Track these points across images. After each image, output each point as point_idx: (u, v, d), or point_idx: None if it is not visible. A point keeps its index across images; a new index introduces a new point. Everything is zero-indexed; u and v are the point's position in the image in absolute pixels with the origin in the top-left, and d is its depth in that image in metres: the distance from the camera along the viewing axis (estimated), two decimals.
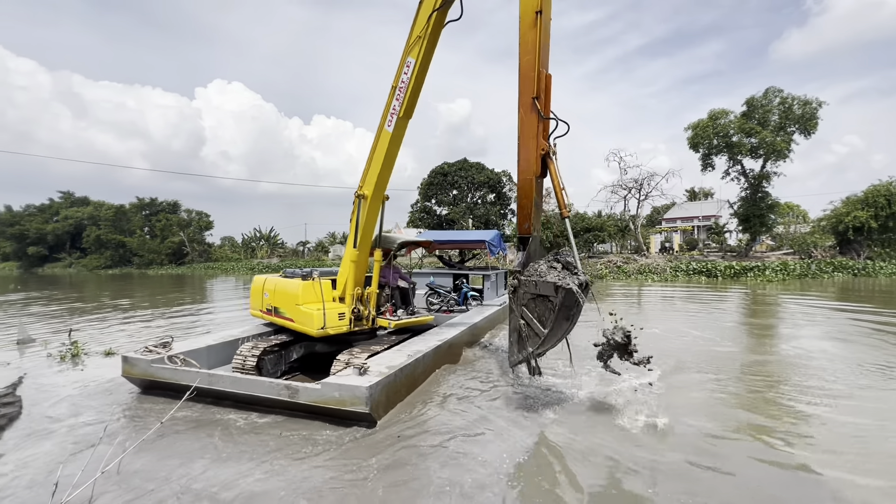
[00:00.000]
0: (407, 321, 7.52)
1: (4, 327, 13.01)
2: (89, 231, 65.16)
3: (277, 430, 5.11)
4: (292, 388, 5.35)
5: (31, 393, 6.61)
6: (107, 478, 3.80)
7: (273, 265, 51.34)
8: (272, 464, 4.29)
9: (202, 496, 3.70)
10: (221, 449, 4.63)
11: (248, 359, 6.50)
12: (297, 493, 3.76)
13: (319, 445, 4.70)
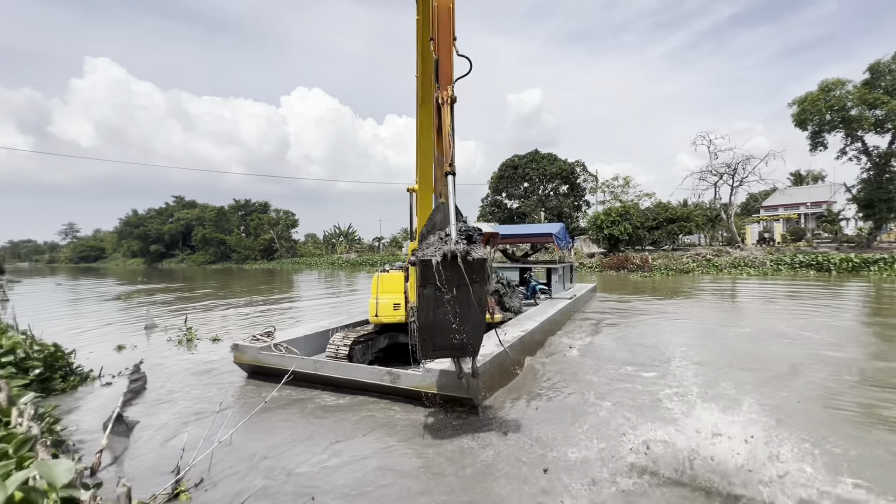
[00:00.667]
0: None
1: (136, 315, 15.17)
2: (197, 230, 73.64)
3: (378, 413, 5.44)
4: (394, 373, 5.71)
5: (154, 371, 7.64)
6: (222, 447, 4.27)
7: (351, 260, 54.23)
8: (369, 443, 4.55)
9: (303, 465, 4.04)
10: (318, 426, 5.04)
11: (340, 348, 6.92)
12: (401, 472, 3.95)
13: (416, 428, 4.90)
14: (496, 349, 6.22)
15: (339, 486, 3.77)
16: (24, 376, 6.04)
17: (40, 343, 6.91)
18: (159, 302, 19.56)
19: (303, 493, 3.64)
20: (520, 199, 52.93)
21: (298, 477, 3.93)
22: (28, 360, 6.39)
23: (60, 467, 2.45)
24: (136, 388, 6.56)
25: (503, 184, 53.64)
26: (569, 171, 51.70)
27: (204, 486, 3.75)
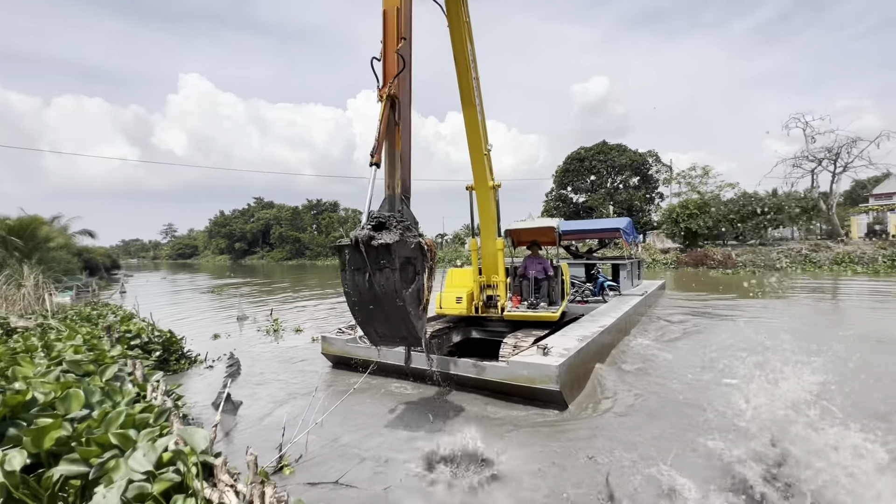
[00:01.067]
0: (520, 314, 7.38)
1: (227, 306, 16.76)
2: (274, 229, 79.40)
3: (465, 405, 5.61)
4: (479, 366, 5.75)
5: (247, 358, 8.43)
6: (316, 428, 4.66)
7: None
8: (453, 432, 4.74)
9: (386, 448, 4.31)
10: (401, 413, 5.32)
11: None
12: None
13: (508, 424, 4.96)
14: (578, 344, 6.12)
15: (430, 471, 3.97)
16: (147, 357, 6.97)
17: (159, 329, 7.92)
18: (246, 295, 21.44)
19: (386, 474, 3.89)
20: (586, 193, 51.08)
21: (382, 458, 4.20)
22: (150, 343, 7.36)
23: (199, 435, 2.86)
24: (232, 373, 7.30)
25: (568, 177, 52.05)
26: (640, 161, 48.99)
27: (303, 461, 4.13)
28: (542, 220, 8.79)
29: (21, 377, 4.15)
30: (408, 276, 4.23)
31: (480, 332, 7.95)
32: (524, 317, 7.35)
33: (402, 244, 4.06)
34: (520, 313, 7.38)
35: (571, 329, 7.17)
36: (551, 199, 53.39)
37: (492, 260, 7.54)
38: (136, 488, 2.60)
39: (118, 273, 43.89)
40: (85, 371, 4.61)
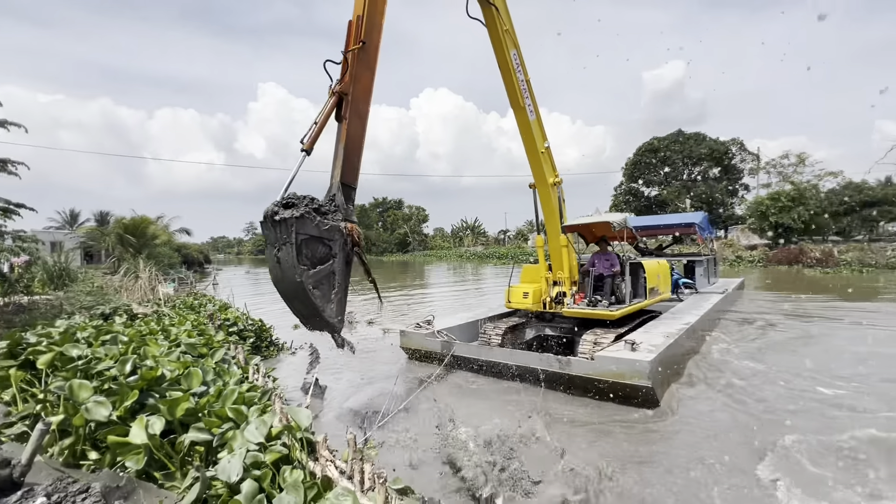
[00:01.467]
0: (577, 311, 7.30)
1: None
2: None
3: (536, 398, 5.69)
4: (563, 360, 5.79)
5: (325, 347, 8.98)
6: (397, 415, 4.93)
7: (478, 253, 55.66)
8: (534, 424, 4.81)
9: (471, 438, 4.46)
10: (480, 404, 5.48)
11: (492, 336, 7.29)
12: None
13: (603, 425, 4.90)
14: (666, 340, 5.94)
15: (509, 463, 4.05)
16: (243, 343, 7.72)
17: (252, 319, 8.73)
18: None
19: (463, 463, 4.02)
20: (659, 186, 48.10)
21: (459, 447, 4.34)
22: (245, 331, 8.14)
23: (303, 414, 3.18)
24: (311, 361, 7.88)
25: (639, 170, 49.32)
26: (721, 151, 45.19)
27: (386, 444, 4.40)
28: (604, 215, 8.51)
29: (150, 356, 4.81)
30: (315, 256, 4.22)
31: (553, 330, 7.93)
32: (581, 314, 7.28)
33: (304, 221, 4.07)
34: (577, 310, 7.33)
35: (653, 326, 6.96)
36: (620, 193, 50.92)
37: (557, 256, 7.63)
38: (251, 457, 2.94)
39: (209, 267, 48.56)
40: (199, 353, 5.24)
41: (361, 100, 4.81)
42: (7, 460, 2.94)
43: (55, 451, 3.54)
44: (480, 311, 9.57)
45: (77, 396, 3.58)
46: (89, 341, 5.43)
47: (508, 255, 48.03)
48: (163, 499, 3.00)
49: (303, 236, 4.11)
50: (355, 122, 4.73)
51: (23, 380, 4.71)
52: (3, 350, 5.35)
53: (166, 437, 3.44)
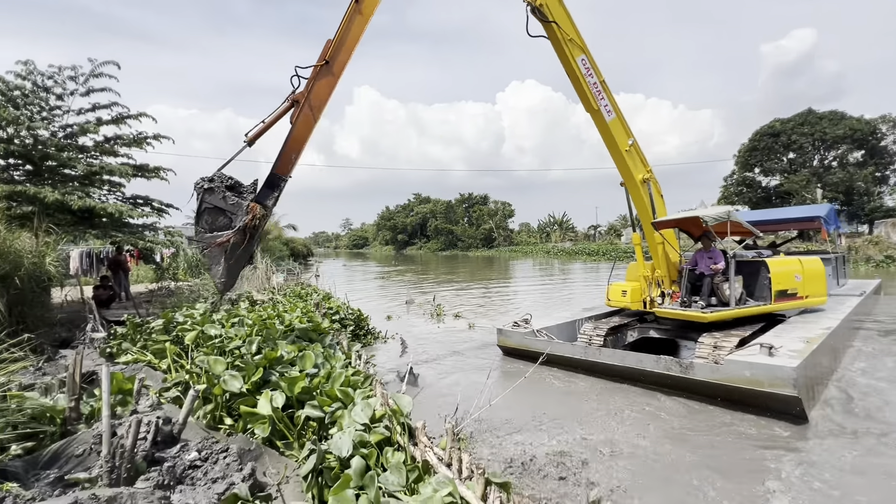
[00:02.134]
0: (668, 311, 6.94)
1: (394, 291, 18.87)
2: (430, 222, 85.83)
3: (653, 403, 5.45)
4: (685, 364, 5.45)
5: (416, 338, 9.37)
6: (488, 409, 4.99)
7: (566, 249, 53.76)
8: (651, 434, 4.61)
9: (558, 439, 4.39)
10: (573, 405, 5.34)
11: (593, 338, 7.06)
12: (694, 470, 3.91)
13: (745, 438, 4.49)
14: (808, 346, 5.31)
15: (607, 468, 3.91)
16: (344, 330, 8.36)
17: (351, 308, 9.41)
18: (409, 281, 23.80)
19: (559, 465, 3.94)
20: (782, 175, 42.16)
21: (550, 450, 4.26)
22: (345, 319, 8.81)
23: (404, 399, 3.38)
24: (403, 350, 8.26)
25: (756, 157, 43.65)
26: (866, 131, 38.22)
27: (474, 437, 4.48)
28: (698, 210, 7.77)
29: (272, 338, 5.43)
30: (214, 223, 5.16)
31: (659, 332, 7.47)
32: (672, 314, 6.91)
33: (212, 192, 5.08)
34: (668, 310, 6.98)
35: (784, 331, 6.28)
36: (731, 184, 45.53)
37: (655, 254, 7.45)
38: (358, 435, 3.19)
39: (311, 260, 53.19)
40: (309, 337, 5.79)
41: (315, 108, 5.53)
42: (169, 418, 3.54)
43: (200, 415, 4.17)
44: (575, 310, 9.36)
45: (214, 370, 4.17)
46: (222, 323, 6.30)
47: (599, 251, 45.65)
48: (284, 465, 3.39)
49: (207, 205, 5.15)
50: (301, 126, 5.46)
51: (175, 353, 5.62)
52: (160, 327, 6.41)
53: (286, 410, 3.88)
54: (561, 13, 6.62)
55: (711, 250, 7.31)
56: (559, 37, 6.57)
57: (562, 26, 6.57)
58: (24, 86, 9.12)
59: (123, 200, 10.82)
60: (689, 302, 7.01)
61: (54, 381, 4.34)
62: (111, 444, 2.61)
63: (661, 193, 7.61)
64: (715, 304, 6.82)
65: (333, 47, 5.46)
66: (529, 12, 6.47)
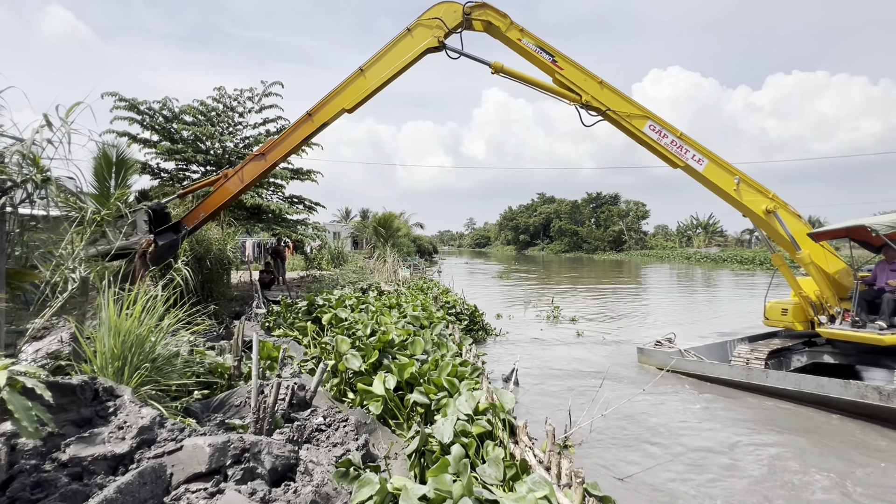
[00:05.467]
0: (836, 331, 6.14)
1: (509, 291, 18.78)
2: (554, 223, 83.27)
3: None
4: (886, 391, 4.92)
5: (530, 339, 9.18)
6: (605, 418, 4.71)
7: (712, 255, 47.28)
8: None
9: (674, 464, 3.92)
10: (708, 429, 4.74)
11: (751, 361, 6.49)
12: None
13: None
14: None
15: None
16: (459, 323, 8.63)
17: (467, 304, 9.67)
18: (528, 281, 23.46)
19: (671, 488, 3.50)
20: None
21: (665, 471, 3.80)
22: (461, 314, 9.09)
23: (507, 396, 3.38)
24: (513, 350, 8.15)
25: None
26: None
27: (585, 445, 4.23)
28: (884, 216, 6.21)
29: (384, 323, 5.89)
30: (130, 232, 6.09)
31: (835, 357, 6.57)
32: (840, 335, 6.16)
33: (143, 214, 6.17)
34: (835, 330, 6.22)
35: None
36: None
37: (811, 271, 6.54)
38: (460, 425, 3.28)
39: (436, 256, 56.01)
40: (420, 324, 6.13)
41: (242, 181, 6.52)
42: (303, 385, 4.09)
43: (329, 386, 4.73)
44: (724, 329, 8.65)
45: (340, 349, 4.68)
46: (352, 307, 7.03)
47: (755, 259, 38.98)
48: (394, 441, 3.65)
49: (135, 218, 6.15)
50: (218, 194, 6.50)
51: (314, 331, 6.46)
52: (304, 308, 7.42)
53: (397, 392, 4.17)
54: (610, 97, 6.44)
55: (895, 262, 6.14)
56: (617, 119, 6.44)
57: (616, 110, 6.39)
58: (217, 107, 11.40)
59: (283, 199, 12.80)
60: (865, 322, 5.98)
61: (226, 345, 5.35)
62: (258, 401, 3.13)
63: (797, 214, 6.60)
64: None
65: (273, 144, 6.54)
66: (580, 109, 6.46)
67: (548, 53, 6.40)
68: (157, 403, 3.14)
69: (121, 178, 6.60)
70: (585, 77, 6.44)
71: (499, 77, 6.64)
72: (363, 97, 6.29)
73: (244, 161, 6.67)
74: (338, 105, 6.31)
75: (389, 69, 6.24)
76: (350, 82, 6.29)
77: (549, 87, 6.46)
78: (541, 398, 5.72)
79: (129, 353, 3.11)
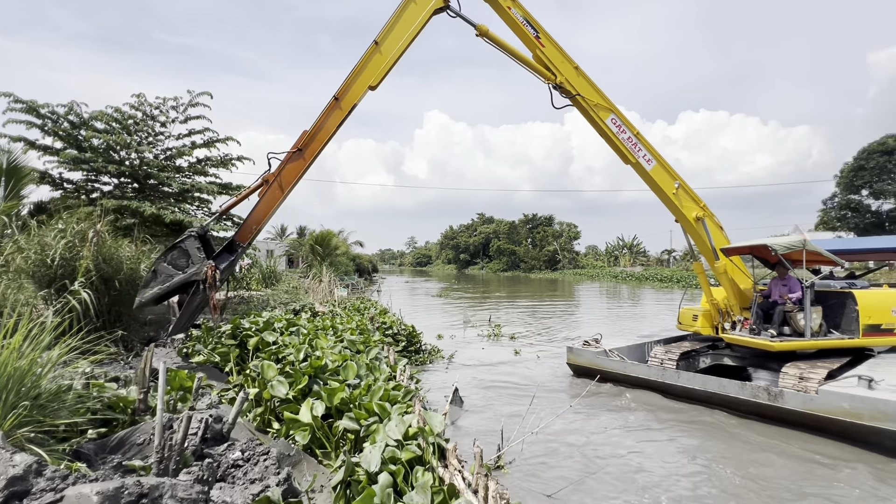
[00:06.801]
0: (735, 337, 6.89)
1: (450, 311, 18.88)
2: (493, 243, 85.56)
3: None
4: (773, 391, 5.46)
5: (470, 359, 9.23)
6: (533, 430, 4.77)
7: (636, 274, 50.83)
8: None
9: (607, 471, 4.06)
10: (633, 433, 4.95)
11: (665, 361, 7.05)
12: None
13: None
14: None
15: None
16: (396, 345, 8.47)
17: (405, 324, 9.54)
18: (467, 300, 23.73)
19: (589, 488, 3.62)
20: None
21: (600, 480, 3.94)
22: (398, 334, 8.94)
23: (437, 418, 3.32)
24: (455, 370, 8.15)
25: (864, 177, 38.69)
26: None
27: (517, 463, 4.27)
28: (771, 239, 7.34)
29: (319, 348, 5.64)
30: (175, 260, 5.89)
31: (734, 360, 7.39)
32: (739, 340, 6.88)
33: (193, 240, 5.87)
34: (736, 336, 6.92)
35: (878, 366, 6.08)
36: (832, 208, 40.67)
37: (721, 282, 7.46)
38: (389, 451, 3.17)
39: (376, 276, 55.10)
40: (357, 349, 5.93)
41: (283, 187, 6.17)
42: (220, 417, 3.76)
43: (251, 417, 4.40)
44: (643, 333, 9.37)
45: (266, 375, 4.39)
46: (281, 331, 6.66)
47: (673, 277, 42.51)
48: (319, 473, 3.45)
49: (182, 245, 5.81)
50: (265, 204, 6.16)
51: (238, 356, 6.02)
52: (228, 332, 6.92)
53: (326, 420, 3.97)
54: (582, 84, 6.91)
55: (787, 278, 7.06)
56: (585, 106, 6.87)
57: (585, 96, 6.85)
58: (135, 115, 10.57)
59: (210, 216, 12.00)
60: (759, 329, 6.80)
61: (132, 375, 4.82)
62: (163, 438, 2.82)
63: (721, 225, 7.51)
64: (788, 334, 6.54)
65: (309, 137, 6.10)
66: (552, 89, 6.80)
67: (533, 28, 6.66)
68: (37, 447, 2.73)
69: (11, 187, 5.85)
70: (563, 59, 6.81)
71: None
72: (385, 71, 6.19)
73: (281, 163, 6.22)
74: (363, 84, 6.16)
75: (403, 38, 6.20)
76: (368, 58, 6.17)
77: (528, 62, 6.68)
78: (480, 417, 5.72)
79: (4, 390, 2.69)
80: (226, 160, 11.81)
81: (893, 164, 37.05)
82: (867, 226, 37.48)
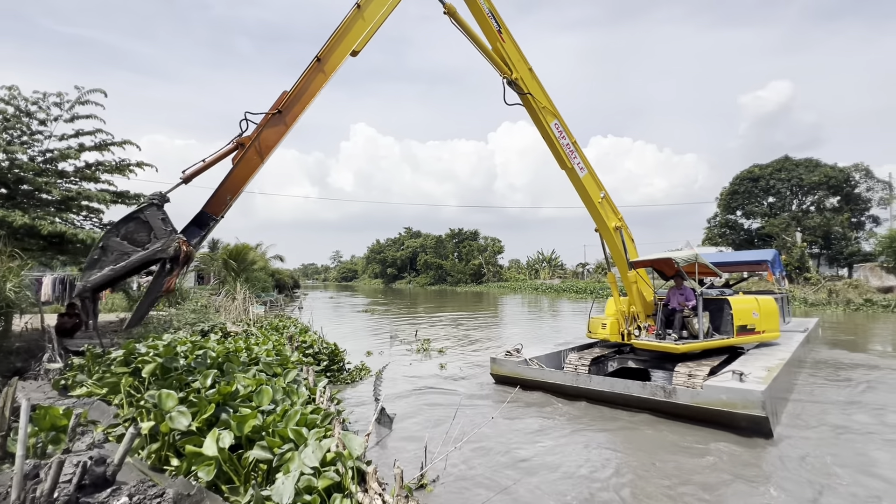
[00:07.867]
0: (644, 342, 7.61)
1: (377, 326, 18.50)
2: (420, 257, 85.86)
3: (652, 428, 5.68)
4: (668, 389, 6.04)
5: (398, 375, 9.07)
6: (458, 445, 4.75)
7: (555, 286, 53.79)
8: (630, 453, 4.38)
9: (529, 480, 4.14)
10: (556, 438, 5.10)
11: (579, 367, 7.66)
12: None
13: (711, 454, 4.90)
14: (770, 373, 6.02)
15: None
16: (317, 364, 8.06)
17: (326, 342, 9.14)
18: (395, 315, 23.43)
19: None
20: (763, 218, 43.28)
21: (526, 492, 4.02)
22: (319, 353, 8.53)
23: (356, 441, 3.17)
24: (381, 388, 7.95)
25: (737, 200, 44.93)
26: (840, 178, 39.74)
27: (441, 481, 4.23)
28: (672, 252, 8.67)
29: (230, 372, 5.18)
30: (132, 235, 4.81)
31: (636, 363, 8.06)
32: (648, 345, 7.56)
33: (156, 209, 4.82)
34: (645, 341, 7.60)
35: (748, 361, 7.08)
36: (715, 226, 46.58)
37: (630, 291, 8.12)
38: (305, 480, 2.97)
39: (298, 291, 52.43)
40: (273, 371, 5.55)
41: (262, 152, 5.49)
42: (103, 459, 3.28)
43: (144, 455, 3.89)
44: (560, 341, 9.94)
45: (164, 405, 3.92)
46: (186, 355, 6.02)
47: (587, 289, 45.71)
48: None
49: (141, 216, 4.76)
50: (242, 168, 5.39)
51: (131, 385, 5.33)
52: (120, 358, 6.11)
53: (235, 451, 3.62)
54: (534, 85, 7.37)
55: (683, 288, 8.01)
56: (534, 106, 7.28)
57: (535, 97, 7.29)
58: (5, 110, 9.11)
59: (99, 226, 10.62)
60: (664, 335, 7.65)
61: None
62: (23, 489, 2.37)
63: (633, 238, 8.36)
64: (686, 337, 7.46)
65: (290, 98, 5.55)
66: (506, 84, 7.12)
67: (496, 22, 6.81)
68: None
69: None
70: (521, 58, 7.12)
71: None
72: (368, 36, 5.70)
73: (258, 126, 5.37)
74: (346, 48, 5.63)
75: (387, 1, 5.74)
76: (351, 23, 5.65)
77: (488, 52, 6.80)
78: (408, 434, 5.60)
79: None
80: (122, 165, 10.55)
81: (758, 190, 43.53)
82: (741, 242, 43.38)
